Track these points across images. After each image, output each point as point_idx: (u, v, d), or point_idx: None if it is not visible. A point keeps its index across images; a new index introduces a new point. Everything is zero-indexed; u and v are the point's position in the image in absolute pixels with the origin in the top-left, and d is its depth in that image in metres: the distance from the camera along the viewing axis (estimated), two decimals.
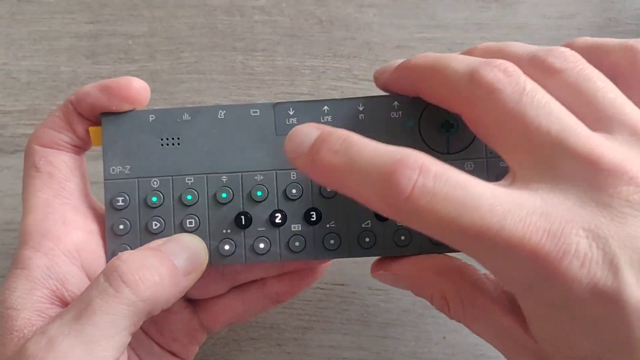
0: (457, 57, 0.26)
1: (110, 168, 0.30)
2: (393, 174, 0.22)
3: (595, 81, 0.24)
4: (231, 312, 0.33)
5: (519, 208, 0.22)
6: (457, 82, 0.25)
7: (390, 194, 0.22)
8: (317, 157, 0.24)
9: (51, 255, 0.28)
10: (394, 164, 0.22)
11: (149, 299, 0.26)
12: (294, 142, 0.25)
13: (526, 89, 0.24)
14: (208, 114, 0.30)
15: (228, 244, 0.30)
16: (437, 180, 0.22)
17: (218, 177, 0.30)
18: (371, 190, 0.23)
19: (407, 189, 0.22)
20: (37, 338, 0.24)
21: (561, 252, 0.21)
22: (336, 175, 0.24)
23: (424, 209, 0.22)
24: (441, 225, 0.22)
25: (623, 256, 0.21)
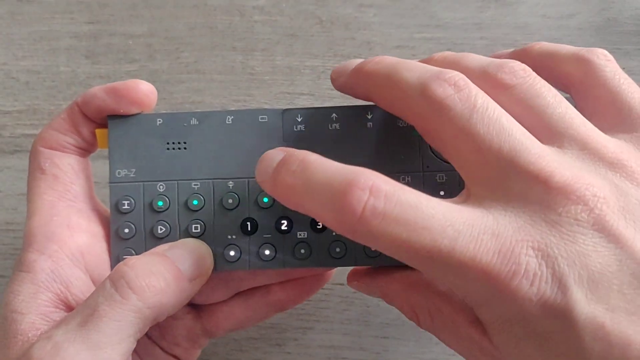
0: (409, 66, 0.26)
1: (116, 171, 0.30)
2: (345, 195, 0.22)
3: (545, 96, 0.25)
4: (234, 319, 0.33)
5: (470, 228, 0.22)
6: (408, 95, 0.25)
7: (342, 215, 0.22)
8: (277, 178, 0.25)
9: (56, 258, 0.28)
10: (345, 185, 0.22)
11: (155, 305, 0.26)
12: (261, 168, 0.26)
13: (476, 105, 0.24)
14: (216, 119, 0.30)
15: (233, 249, 0.30)
16: (388, 201, 0.22)
17: (224, 182, 0.30)
18: (326, 210, 0.23)
19: (358, 210, 0.22)
20: (42, 343, 0.24)
21: (511, 272, 0.21)
22: (294, 196, 0.24)
23: (375, 230, 0.22)
24: (394, 246, 0.22)
25: (572, 274, 0.21)
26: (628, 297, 0.21)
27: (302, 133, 0.30)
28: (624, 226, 0.22)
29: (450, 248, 0.22)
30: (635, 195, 0.23)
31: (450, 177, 0.29)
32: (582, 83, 0.27)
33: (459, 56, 0.28)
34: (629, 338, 0.21)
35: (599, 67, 0.26)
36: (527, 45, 0.29)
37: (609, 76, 0.26)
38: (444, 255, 0.22)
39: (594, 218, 0.22)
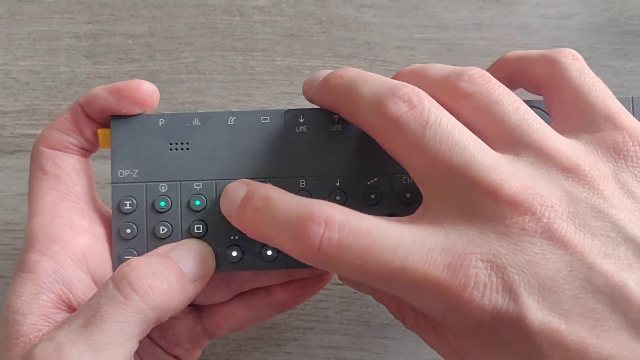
0: (368, 80, 0.26)
1: (118, 171, 0.30)
2: (302, 230, 0.24)
3: (503, 103, 0.25)
4: (235, 319, 0.33)
5: (420, 246, 0.23)
6: (365, 111, 0.26)
7: (303, 248, 0.24)
8: (243, 216, 0.27)
9: (58, 259, 0.28)
10: (302, 220, 0.24)
11: (158, 306, 0.26)
12: (225, 201, 0.28)
13: (429, 121, 0.24)
14: (218, 119, 0.30)
15: (235, 250, 0.29)
16: (342, 231, 0.23)
17: (227, 183, 0.29)
18: (289, 244, 0.25)
19: (316, 243, 0.23)
20: (44, 344, 0.24)
21: (461, 284, 0.22)
22: (260, 232, 0.26)
23: (334, 259, 0.23)
24: (352, 271, 0.24)
25: (522, 282, 0.22)
26: (581, 302, 0.22)
27: (304, 134, 0.30)
28: (573, 232, 0.22)
29: (402, 267, 0.23)
30: (586, 200, 0.23)
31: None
32: (549, 83, 0.27)
33: (424, 67, 0.28)
34: (586, 342, 0.21)
35: (565, 66, 0.27)
36: (503, 55, 0.30)
37: (574, 75, 0.26)
38: (397, 274, 0.23)
39: (542, 227, 0.22)
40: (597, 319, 0.21)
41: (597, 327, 0.21)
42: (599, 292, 0.22)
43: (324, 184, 0.30)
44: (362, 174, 0.30)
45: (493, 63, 0.31)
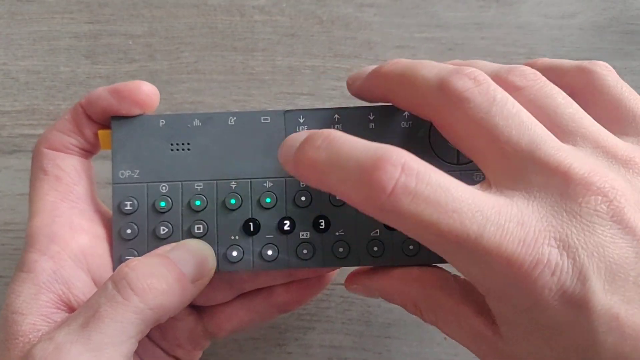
0: (427, 64, 0.26)
1: (119, 172, 0.30)
2: (375, 171, 0.22)
3: (555, 97, 0.25)
4: (236, 320, 0.33)
5: (497, 215, 0.22)
6: (426, 90, 0.25)
7: (370, 191, 0.22)
8: (300, 156, 0.24)
9: (57, 259, 0.28)
10: (376, 161, 0.22)
11: (157, 307, 0.25)
12: (284, 147, 0.25)
13: (496, 98, 0.24)
14: (219, 120, 0.30)
15: (236, 250, 0.29)
16: (420, 181, 0.21)
17: (227, 183, 0.30)
18: (352, 186, 0.22)
19: (389, 187, 0.21)
20: (44, 344, 0.24)
21: (534, 261, 0.21)
22: (317, 172, 0.23)
23: (404, 209, 0.21)
24: (421, 227, 0.22)
25: (591, 265, 0.21)
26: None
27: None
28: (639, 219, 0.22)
29: (479, 234, 0.21)
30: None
31: (453, 176, 0.29)
32: (586, 92, 0.27)
33: (467, 62, 0.28)
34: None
35: (601, 76, 0.27)
36: (530, 61, 0.30)
37: (611, 84, 0.27)
38: (471, 241, 0.21)
39: (613, 210, 0.22)
40: None
41: None
42: None
43: None
44: None
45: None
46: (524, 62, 0.30)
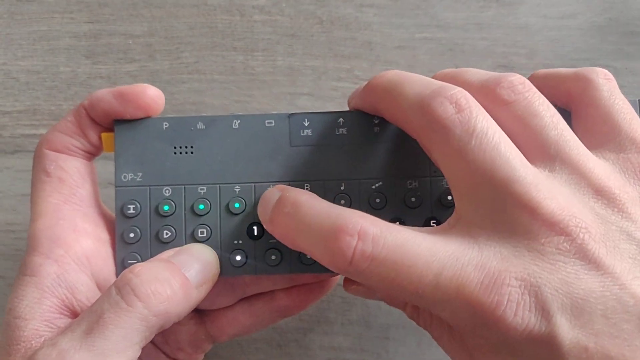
0: (411, 80, 0.26)
1: (121, 175, 0.30)
2: (335, 241, 0.24)
3: (543, 116, 0.25)
4: (238, 324, 0.33)
5: (454, 260, 0.23)
6: (408, 110, 0.26)
7: (334, 258, 0.24)
8: (275, 220, 0.27)
9: (61, 262, 0.27)
10: (335, 231, 0.24)
11: (161, 313, 0.25)
12: (262, 207, 0.28)
13: (476, 129, 0.24)
14: (222, 123, 0.30)
15: (239, 254, 0.29)
16: (375, 244, 0.23)
17: (231, 187, 0.30)
18: (319, 252, 0.25)
19: (349, 255, 0.23)
20: (46, 350, 0.24)
21: (494, 302, 0.22)
22: (290, 237, 0.26)
23: (366, 271, 0.23)
24: (384, 285, 0.23)
25: (555, 301, 0.22)
26: (611, 322, 0.22)
27: (309, 137, 0.30)
28: (605, 253, 0.22)
29: (435, 282, 0.23)
30: (615, 223, 0.23)
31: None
32: (579, 100, 0.27)
33: (459, 71, 0.28)
34: (609, 354, 0.21)
35: (597, 86, 0.27)
36: (530, 75, 0.30)
37: (605, 95, 0.27)
38: (429, 290, 0.23)
39: (576, 247, 0.22)
40: (625, 339, 0.22)
41: (625, 347, 0.22)
42: (629, 312, 0.22)
43: (329, 188, 0.30)
44: (366, 177, 0.30)
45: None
46: (523, 69, 0.30)
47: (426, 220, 0.29)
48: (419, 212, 0.29)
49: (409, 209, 0.29)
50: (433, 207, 0.29)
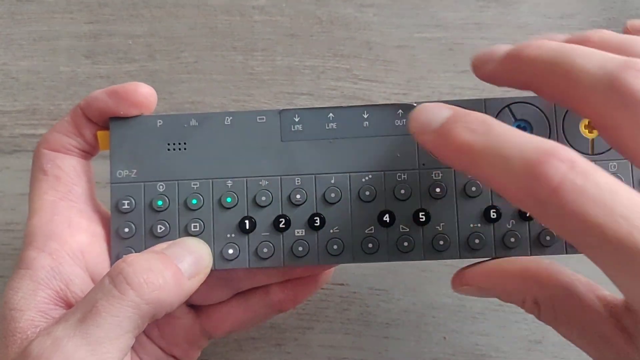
0: (582, 52, 0.23)
1: (117, 172, 0.30)
2: (541, 164, 0.20)
3: None
4: (234, 319, 0.33)
5: None
6: (590, 88, 0.22)
7: (534, 183, 0.20)
8: (450, 133, 0.23)
9: (56, 255, 0.28)
10: (543, 154, 0.20)
11: (153, 301, 0.26)
12: (422, 117, 0.24)
13: None
14: (215, 120, 0.31)
15: (232, 248, 0.30)
16: (588, 180, 0.20)
17: (223, 182, 0.30)
18: (511, 178, 0.21)
19: (555, 180, 0.20)
20: (41, 339, 0.24)
21: None
22: (471, 156, 0.22)
23: (570, 206, 0.20)
24: (583, 229, 0.20)
25: None
26: None
27: (299, 133, 0.30)
28: None
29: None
30: None
31: (446, 174, 0.30)
32: None
33: (625, 40, 0.25)
34: None
35: None
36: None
37: None
38: (636, 252, 0.19)
39: None
40: None
41: None
42: None
43: (320, 182, 0.30)
44: (356, 171, 0.30)
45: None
46: None
47: (415, 212, 0.30)
48: (408, 204, 0.30)
49: (398, 201, 0.30)
50: (422, 199, 0.30)
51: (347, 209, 0.30)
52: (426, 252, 0.30)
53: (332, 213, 0.30)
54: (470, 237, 0.29)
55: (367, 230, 0.30)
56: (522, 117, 0.30)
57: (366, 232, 0.30)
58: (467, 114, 0.23)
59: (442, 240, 0.29)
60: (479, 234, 0.29)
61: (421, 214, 0.30)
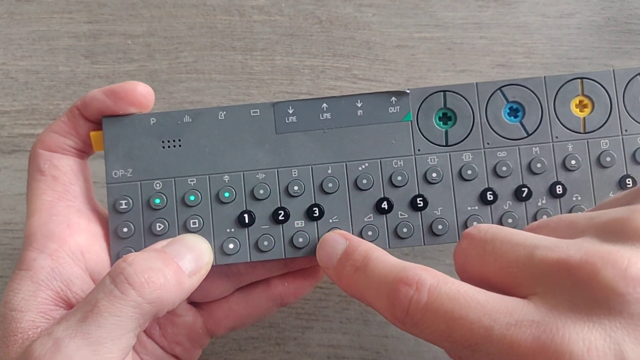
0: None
1: (112, 171, 0.30)
2: (395, 291, 0.24)
3: None
4: (235, 316, 0.33)
5: (508, 316, 0.22)
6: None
7: (394, 310, 0.24)
8: (342, 272, 0.27)
9: (55, 256, 0.28)
10: (398, 282, 0.24)
11: (154, 300, 0.26)
12: (323, 252, 0.29)
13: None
14: (209, 115, 0.31)
15: (232, 242, 0.30)
16: (430, 295, 0.23)
17: (220, 177, 0.30)
18: (383, 304, 0.25)
19: (405, 305, 0.23)
20: (43, 340, 0.24)
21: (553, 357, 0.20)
22: (357, 290, 0.27)
23: (420, 323, 0.23)
24: (437, 337, 0.23)
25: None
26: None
27: (294, 124, 0.30)
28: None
29: (487, 336, 0.22)
30: None
31: (442, 159, 0.30)
32: None
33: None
34: None
35: None
36: None
37: None
38: (483, 343, 0.22)
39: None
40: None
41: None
42: None
43: (317, 172, 0.30)
44: (352, 160, 0.30)
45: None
46: (521, 68, 0.29)
47: (413, 198, 0.30)
48: (405, 191, 0.30)
49: (395, 188, 0.30)
50: (419, 185, 0.30)
51: (345, 198, 0.30)
52: (426, 237, 0.30)
53: (330, 203, 0.30)
54: (469, 220, 0.30)
55: (366, 218, 0.30)
56: (514, 99, 0.30)
57: (365, 220, 0.30)
58: (354, 250, 0.27)
59: (441, 224, 0.30)
60: (477, 216, 0.30)
61: (419, 200, 0.30)
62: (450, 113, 0.30)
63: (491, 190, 0.30)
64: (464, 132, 0.30)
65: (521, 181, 0.30)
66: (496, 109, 0.30)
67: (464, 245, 0.26)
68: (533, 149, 0.30)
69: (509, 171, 0.30)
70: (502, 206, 0.30)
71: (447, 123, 0.30)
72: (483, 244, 0.25)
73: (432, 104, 0.30)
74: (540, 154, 0.30)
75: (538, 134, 0.30)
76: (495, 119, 0.30)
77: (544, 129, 0.30)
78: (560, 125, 0.30)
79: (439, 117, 0.30)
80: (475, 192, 0.30)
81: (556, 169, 0.30)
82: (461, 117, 0.30)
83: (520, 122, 0.30)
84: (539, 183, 0.30)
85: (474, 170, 0.30)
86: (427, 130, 0.30)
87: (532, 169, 0.30)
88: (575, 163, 0.30)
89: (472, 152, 0.30)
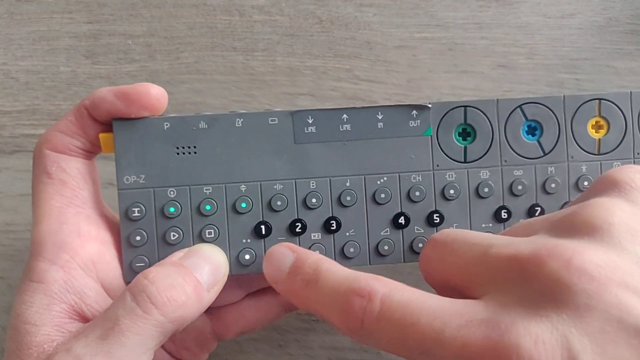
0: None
1: (124, 177, 0.30)
2: (348, 303, 0.24)
3: None
4: (244, 321, 0.33)
5: (459, 317, 0.22)
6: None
7: (348, 322, 0.24)
8: (292, 287, 0.27)
9: (67, 268, 0.27)
10: (350, 293, 0.24)
11: (176, 319, 0.26)
12: (270, 267, 0.28)
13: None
14: (225, 122, 0.30)
15: (248, 253, 0.30)
16: (382, 304, 0.23)
17: (237, 186, 0.30)
18: (336, 318, 0.24)
19: (359, 316, 0.23)
20: (61, 355, 0.24)
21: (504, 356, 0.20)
22: (309, 304, 0.26)
23: (375, 333, 0.23)
24: (394, 346, 0.23)
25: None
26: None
27: (313, 134, 0.30)
28: None
29: (439, 339, 0.22)
30: None
31: (460, 175, 0.30)
32: None
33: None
34: None
35: None
36: None
37: None
38: (435, 347, 0.22)
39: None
40: None
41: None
42: None
43: (335, 185, 0.30)
44: (371, 173, 0.30)
45: None
46: (523, 68, 0.29)
47: (430, 213, 0.30)
48: (423, 206, 0.30)
49: (413, 203, 0.30)
50: (436, 201, 0.30)
51: (362, 211, 0.30)
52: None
53: (347, 216, 0.30)
54: None
55: (383, 232, 0.30)
56: (533, 117, 0.30)
57: (382, 234, 0.30)
58: (303, 263, 0.27)
59: None
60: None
61: (435, 216, 0.30)
62: (469, 129, 0.30)
63: (506, 208, 0.30)
64: (482, 148, 0.30)
65: (535, 200, 0.30)
66: (515, 127, 0.30)
67: (427, 250, 0.26)
68: (548, 169, 0.30)
69: (524, 190, 0.30)
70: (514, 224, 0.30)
71: (466, 139, 0.30)
72: (444, 247, 0.25)
73: (452, 119, 0.30)
74: (554, 174, 0.30)
75: (554, 154, 0.30)
76: (514, 136, 0.30)
77: (561, 149, 0.30)
78: (576, 146, 0.30)
79: (458, 132, 0.30)
80: (491, 209, 0.30)
81: (569, 189, 0.30)
82: (480, 134, 0.30)
83: (537, 141, 0.30)
84: (552, 203, 0.30)
85: (491, 188, 0.30)
86: (446, 145, 0.30)
87: (547, 189, 0.30)
88: (588, 184, 0.30)
89: (489, 169, 0.30)
